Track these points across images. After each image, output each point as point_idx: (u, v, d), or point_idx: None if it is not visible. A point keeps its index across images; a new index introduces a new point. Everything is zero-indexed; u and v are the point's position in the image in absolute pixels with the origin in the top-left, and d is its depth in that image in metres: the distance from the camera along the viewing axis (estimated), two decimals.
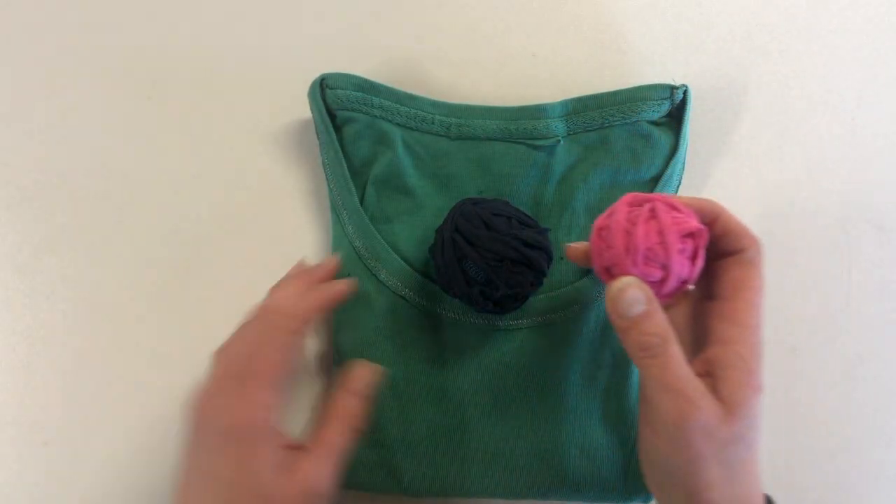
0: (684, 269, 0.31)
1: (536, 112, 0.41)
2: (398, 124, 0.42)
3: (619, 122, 0.41)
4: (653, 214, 0.31)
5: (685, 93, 0.41)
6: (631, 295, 0.31)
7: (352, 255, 0.41)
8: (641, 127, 0.41)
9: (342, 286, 0.37)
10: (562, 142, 0.41)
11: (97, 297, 0.43)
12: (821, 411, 0.43)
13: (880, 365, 0.43)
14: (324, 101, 0.41)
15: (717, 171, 0.45)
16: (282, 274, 0.42)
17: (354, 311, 0.41)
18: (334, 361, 0.42)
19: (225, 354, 0.33)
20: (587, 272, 0.41)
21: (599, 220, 0.33)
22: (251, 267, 0.43)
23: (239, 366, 0.33)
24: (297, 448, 0.34)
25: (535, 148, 0.41)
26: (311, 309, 0.35)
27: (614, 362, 0.41)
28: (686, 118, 0.41)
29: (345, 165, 0.41)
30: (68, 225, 0.44)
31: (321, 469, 0.33)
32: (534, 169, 0.42)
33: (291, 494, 0.32)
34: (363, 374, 0.37)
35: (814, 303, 0.44)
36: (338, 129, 0.42)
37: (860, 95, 0.45)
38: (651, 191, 0.41)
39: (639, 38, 0.46)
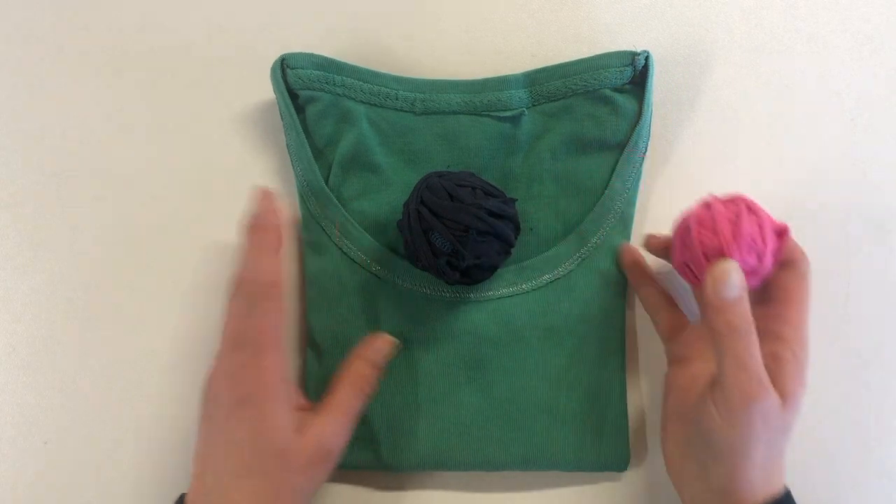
0: (771, 262, 0.35)
1: (499, 84, 0.42)
2: (362, 101, 0.42)
3: (581, 91, 0.41)
4: (751, 209, 0.35)
5: (647, 59, 0.41)
6: (734, 278, 0.33)
7: (321, 236, 0.42)
8: (604, 94, 0.41)
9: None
10: (526, 112, 0.42)
11: (97, 297, 0.43)
12: (821, 411, 0.43)
13: (880, 364, 0.43)
14: (285, 81, 0.41)
15: (718, 171, 0.45)
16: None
17: (327, 289, 0.41)
18: (308, 341, 0.42)
19: (225, 333, 0.36)
20: (555, 243, 0.42)
21: (697, 213, 0.35)
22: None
23: (239, 339, 0.35)
24: (309, 409, 0.37)
25: (501, 120, 0.42)
26: (279, 271, 0.36)
27: (583, 330, 0.41)
28: (649, 84, 0.41)
29: (307, 146, 0.42)
30: (68, 224, 0.44)
31: (333, 427, 0.36)
32: (500, 141, 0.42)
33: (305, 451, 0.35)
34: (379, 345, 0.40)
35: (814, 303, 0.43)
36: (301, 109, 0.42)
37: (860, 95, 0.45)
38: (618, 157, 0.42)
39: (638, 38, 0.46)
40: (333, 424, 0.37)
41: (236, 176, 0.44)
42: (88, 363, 0.43)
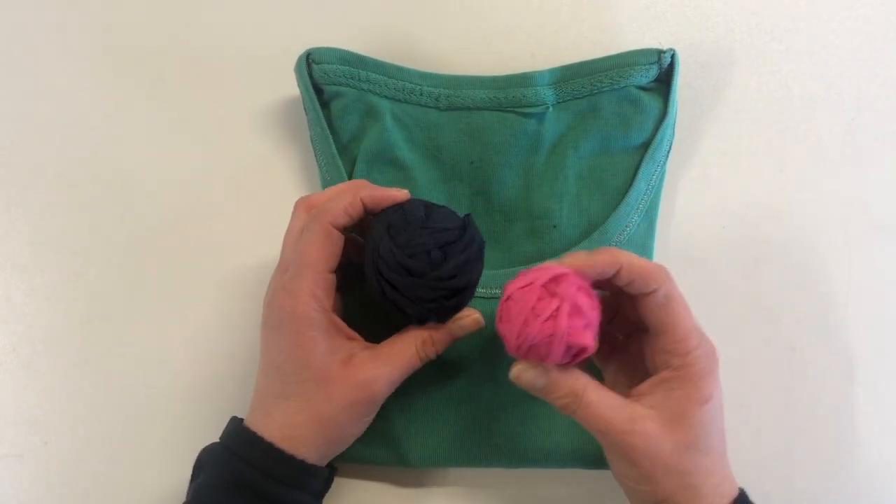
0: (563, 322, 0.31)
1: (525, 80, 0.42)
2: (386, 97, 0.42)
3: (607, 89, 0.41)
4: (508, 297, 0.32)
5: (673, 57, 0.41)
6: (526, 378, 0.34)
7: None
8: (630, 92, 0.41)
9: (397, 191, 0.36)
10: (551, 109, 0.42)
11: (97, 297, 0.43)
12: (820, 410, 0.43)
13: (880, 365, 0.43)
14: (310, 76, 0.41)
15: (717, 173, 0.45)
16: (276, 255, 0.43)
17: (347, 287, 0.41)
18: None
19: (282, 249, 0.36)
20: (578, 240, 0.41)
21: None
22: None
23: (286, 259, 0.36)
24: (361, 343, 0.36)
25: (525, 116, 0.42)
26: (350, 204, 0.35)
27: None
28: (675, 82, 0.41)
29: (331, 141, 0.42)
30: (68, 224, 0.44)
31: (382, 371, 0.35)
32: (524, 137, 0.42)
33: (348, 384, 0.34)
34: (465, 321, 0.36)
35: (814, 303, 0.44)
36: (326, 104, 0.42)
37: (860, 95, 0.45)
38: (643, 156, 0.41)
39: (638, 37, 0.46)
40: (384, 369, 0.35)
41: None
42: (88, 363, 0.43)
